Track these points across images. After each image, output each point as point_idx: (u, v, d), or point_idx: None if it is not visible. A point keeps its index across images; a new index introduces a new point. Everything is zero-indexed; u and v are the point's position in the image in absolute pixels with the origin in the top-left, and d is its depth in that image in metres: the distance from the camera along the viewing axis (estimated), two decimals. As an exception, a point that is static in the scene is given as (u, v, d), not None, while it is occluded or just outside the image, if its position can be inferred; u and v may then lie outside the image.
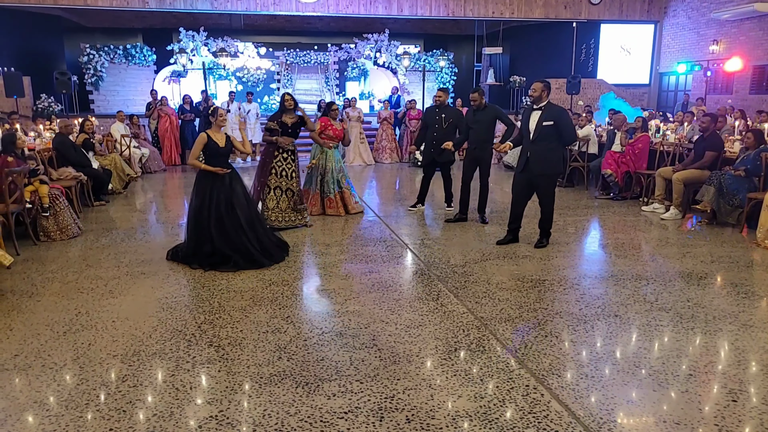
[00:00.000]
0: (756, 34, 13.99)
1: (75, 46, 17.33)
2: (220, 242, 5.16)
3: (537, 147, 5.56)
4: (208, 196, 5.20)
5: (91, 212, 7.90)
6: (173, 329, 3.82)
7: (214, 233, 5.16)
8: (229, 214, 5.21)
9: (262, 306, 4.24)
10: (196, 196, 5.28)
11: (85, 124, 9.36)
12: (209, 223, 5.17)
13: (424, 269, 5.16)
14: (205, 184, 5.25)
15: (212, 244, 5.17)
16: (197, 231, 5.22)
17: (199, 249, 5.21)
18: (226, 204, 5.21)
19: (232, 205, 5.23)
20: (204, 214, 5.18)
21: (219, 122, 5.37)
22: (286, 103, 6.77)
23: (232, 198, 5.24)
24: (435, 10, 15.86)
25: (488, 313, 4.08)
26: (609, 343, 3.60)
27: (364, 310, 4.13)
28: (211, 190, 5.21)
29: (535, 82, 5.56)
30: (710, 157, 7.03)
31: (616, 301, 4.34)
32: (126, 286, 4.74)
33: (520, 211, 5.91)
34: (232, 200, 5.24)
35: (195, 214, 5.24)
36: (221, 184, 5.24)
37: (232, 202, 5.23)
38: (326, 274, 5.04)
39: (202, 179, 5.30)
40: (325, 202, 7.48)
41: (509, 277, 4.91)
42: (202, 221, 5.19)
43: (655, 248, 5.95)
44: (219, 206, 5.19)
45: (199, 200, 5.23)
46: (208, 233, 5.17)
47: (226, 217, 5.19)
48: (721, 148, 7.17)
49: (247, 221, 5.28)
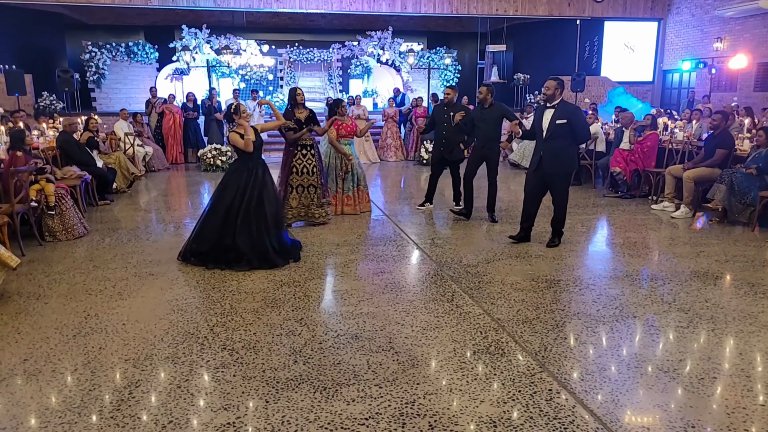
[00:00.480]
0: (761, 31, 13.90)
1: (77, 43, 17.23)
2: (241, 238, 5.07)
3: (550, 145, 5.48)
4: (241, 189, 5.12)
5: (95, 212, 7.83)
6: (185, 332, 3.75)
7: (239, 228, 5.07)
8: (257, 210, 5.13)
9: (274, 308, 4.17)
10: (225, 189, 5.18)
11: (89, 123, 9.28)
12: (237, 216, 5.08)
13: (436, 269, 5.09)
14: (238, 177, 5.17)
15: (233, 238, 5.08)
16: (223, 224, 5.10)
17: (220, 243, 5.10)
18: (258, 199, 5.15)
19: (262, 201, 5.16)
20: (234, 208, 5.09)
21: (242, 120, 5.31)
22: (299, 97, 6.71)
23: (263, 193, 5.18)
24: (439, 8, 15.77)
25: (505, 314, 4.01)
26: (630, 346, 3.54)
27: (378, 312, 4.07)
28: (245, 184, 5.14)
29: (548, 79, 5.48)
30: (721, 155, 6.96)
31: (634, 302, 4.27)
32: (135, 287, 4.68)
33: (534, 210, 5.84)
34: (263, 195, 5.18)
35: (225, 207, 5.11)
36: (255, 178, 5.18)
37: (262, 197, 5.17)
38: (338, 275, 4.97)
39: (234, 172, 5.23)
40: (344, 200, 7.40)
41: (523, 277, 4.84)
42: (231, 214, 5.09)
43: (667, 247, 5.88)
44: (251, 201, 5.12)
45: (231, 193, 5.13)
46: (233, 227, 5.08)
47: (254, 214, 5.12)
48: (732, 145, 7.10)
49: (274, 218, 5.22)
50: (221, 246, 5.10)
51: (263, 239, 5.11)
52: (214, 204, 5.23)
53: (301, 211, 6.70)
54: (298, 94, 6.72)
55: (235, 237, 5.07)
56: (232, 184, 5.18)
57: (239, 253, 5.07)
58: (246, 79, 17.27)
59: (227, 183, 5.22)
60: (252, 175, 5.18)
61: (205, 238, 5.18)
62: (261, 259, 5.10)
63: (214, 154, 11.65)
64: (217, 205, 5.18)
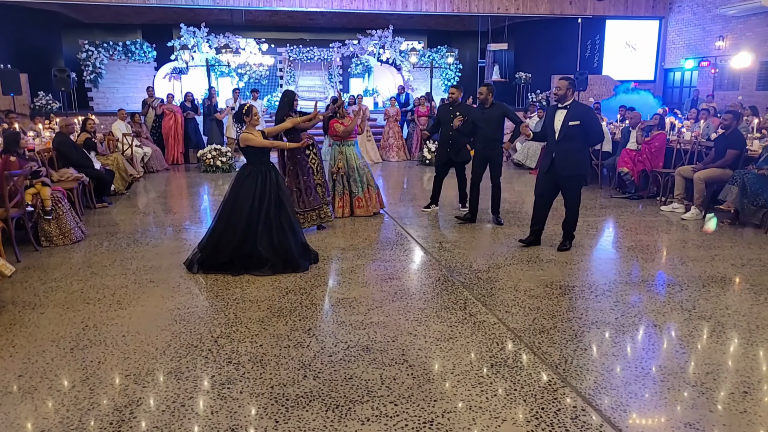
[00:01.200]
0: (763, 29, 13.77)
1: (73, 42, 17.03)
2: (262, 244, 4.92)
3: (562, 147, 5.33)
4: (258, 194, 4.95)
5: (93, 215, 7.66)
6: (188, 344, 3.60)
7: (260, 234, 4.91)
8: (277, 214, 4.98)
9: (280, 317, 4.01)
10: (239, 196, 4.98)
11: (86, 123, 9.11)
12: (257, 224, 4.91)
13: (446, 275, 4.94)
14: (252, 182, 4.99)
15: (253, 245, 4.92)
16: (244, 234, 4.92)
17: (240, 251, 4.94)
18: (276, 202, 5.00)
19: (281, 203, 5.01)
20: (254, 215, 4.92)
21: (254, 121, 5.16)
22: (295, 103, 6.57)
23: (280, 195, 5.03)
24: (440, 6, 15.62)
25: (520, 323, 3.86)
26: (654, 358, 3.39)
27: (389, 321, 3.91)
28: (262, 188, 4.97)
29: (560, 79, 5.34)
30: (732, 155, 6.82)
31: (653, 309, 4.13)
32: (135, 295, 4.51)
33: (544, 213, 5.69)
34: (281, 197, 5.03)
35: (245, 216, 4.91)
36: (269, 182, 5.02)
37: (281, 200, 5.02)
38: (345, 281, 4.81)
39: (247, 177, 5.04)
40: (354, 202, 7.24)
41: (536, 283, 4.69)
42: (252, 223, 4.92)
43: (680, 250, 5.73)
44: (270, 205, 4.96)
45: (249, 200, 4.94)
46: (253, 235, 4.92)
47: (274, 218, 4.97)
48: (744, 146, 6.96)
49: (293, 221, 5.09)
50: (241, 254, 4.95)
51: (286, 243, 4.97)
52: (230, 214, 4.99)
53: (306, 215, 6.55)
54: (295, 99, 6.56)
55: (256, 243, 4.91)
56: (247, 191, 4.98)
57: (261, 258, 4.92)
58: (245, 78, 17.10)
59: (241, 189, 5.02)
60: (266, 179, 5.02)
61: (223, 249, 4.98)
62: (285, 263, 4.96)
63: (214, 154, 11.49)
64: (234, 215, 4.96)
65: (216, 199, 8.83)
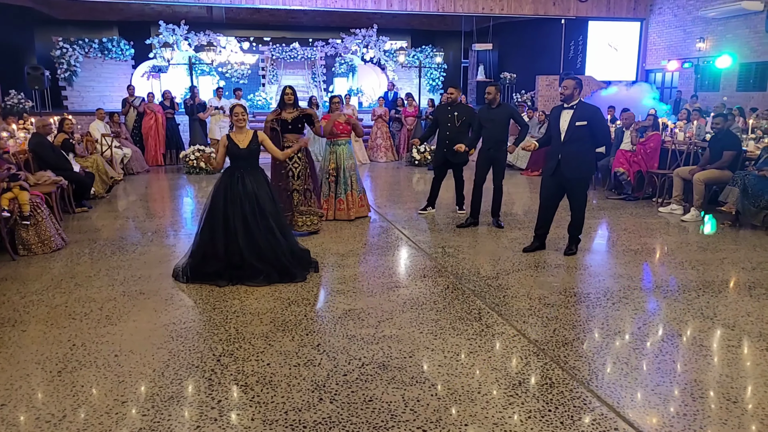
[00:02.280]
0: (743, 32, 13.88)
1: (47, 39, 16.41)
2: (249, 254, 4.65)
3: (569, 149, 5.17)
4: (230, 203, 4.69)
5: (72, 220, 7.27)
6: (189, 364, 3.32)
7: (243, 244, 4.65)
8: (257, 223, 4.70)
9: (286, 332, 3.76)
10: (215, 205, 4.74)
11: (64, 123, 8.71)
12: (236, 233, 4.65)
13: (455, 282, 4.73)
14: (224, 189, 4.74)
15: (242, 255, 4.66)
16: (225, 240, 4.67)
17: (227, 261, 4.68)
18: (253, 211, 4.70)
19: (262, 212, 4.73)
20: (231, 224, 4.66)
21: (235, 122, 4.91)
22: (286, 97, 6.31)
23: (258, 203, 4.73)
24: (425, 5, 15.44)
25: (541, 335, 3.67)
26: (687, 371, 3.22)
27: (402, 335, 3.69)
28: (232, 197, 4.70)
29: (566, 78, 5.18)
30: (729, 156, 6.75)
31: (674, 318, 3.97)
32: (125, 309, 4.21)
33: (550, 216, 5.52)
34: (260, 206, 4.74)
35: (222, 224, 4.68)
36: (243, 189, 4.74)
37: (261, 207, 4.73)
38: (349, 291, 4.56)
39: (219, 184, 4.80)
40: (336, 204, 7.01)
41: (549, 290, 4.51)
42: (229, 232, 4.66)
43: (688, 254, 5.60)
44: (245, 215, 4.68)
45: (222, 208, 4.69)
46: (236, 245, 4.65)
47: (255, 226, 4.69)
48: (739, 146, 6.90)
49: (280, 228, 4.80)
50: (230, 264, 4.68)
51: (275, 252, 4.70)
52: (211, 223, 4.74)
53: (298, 218, 6.30)
54: (286, 93, 6.32)
55: (243, 253, 4.64)
56: (217, 198, 4.75)
57: (254, 268, 4.65)
58: (227, 77, 16.70)
59: (214, 196, 4.78)
60: (240, 184, 4.74)
61: (210, 259, 4.71)
62: (280, 272, 4.70)
63: (197, 155, 11.12)
64: (213, 224, 4.72)
65: (201, 202, 8.51)
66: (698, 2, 14.94)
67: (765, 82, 13.10)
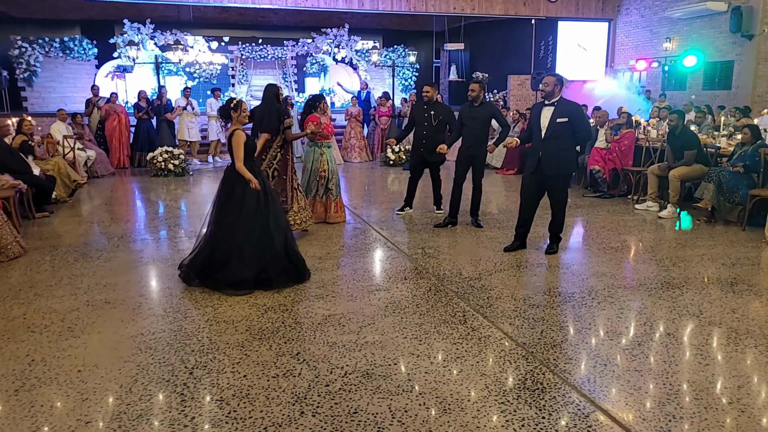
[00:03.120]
0: (707, 32, 14.15)
1: (4, 38, 15.79)
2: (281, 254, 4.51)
3: (549, 146, 5.09)
4: (261, 198, 4.46)
5: (33, 226, 6.92)
6: (159, 378, 3.11)
7: (277, 244, 4.46)
8: (280, 222, 4.56)
9: (263, 340, 3.57)
10: (249, 203, 4.42)
11: (22, 125, 8.31)
12: (273, 236, 4.44)
13: (437, 284, 4.59)
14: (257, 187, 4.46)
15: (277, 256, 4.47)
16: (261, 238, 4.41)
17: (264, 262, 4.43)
18: (276, 209, 4.57)
19: (279, 211, 4.61)
20: (269, 223, 4.44)
21: (242, 118, 4.62)
22: (281, 96, 6.18)
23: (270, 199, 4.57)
24: (396, 5, 15.34)
25: (529, 337, 3.55)
26: (679, 371, 3.14)
27: (386, 341, 3.53)
28: (263, 195, 4.48)
29: (547, 75, 5.09)
30: (691, 156, 6.82)
31: (660, 316, 3.91)
32: (89, 320, 3.95)
33: (530, 215, 5.44)
34: (277, 204, 4.61)
35: (261, 229, 4.41)
36: (266, 187, 4.58)
37: (277, 206, 4.61)
38: (328, 295, 4.39)
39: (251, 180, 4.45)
40: (316, 206, 6.81)
41: (534, 290, 4.41)
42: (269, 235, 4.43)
43: (668, 250, 5.59)
44: (276, 213, 4.54)
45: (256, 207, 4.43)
46: (271, 248, 4.44)
47: (281, 225, 4.56)
48: (698, 142, 6.98)
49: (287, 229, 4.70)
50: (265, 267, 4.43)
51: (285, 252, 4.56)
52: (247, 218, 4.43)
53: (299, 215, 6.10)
54: (280, 91, 6.17)
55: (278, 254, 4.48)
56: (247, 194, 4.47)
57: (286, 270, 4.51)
58: (195, 77, 16.32)
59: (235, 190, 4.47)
60: (262, 181, 4.56)
61: (250, 261, 4.40)
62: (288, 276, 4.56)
63: (166, 157, 10.78)
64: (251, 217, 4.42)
65: (170, 205, 8.22)
66: (664, 3, 15.19)
67: (730, 80, 13.37)
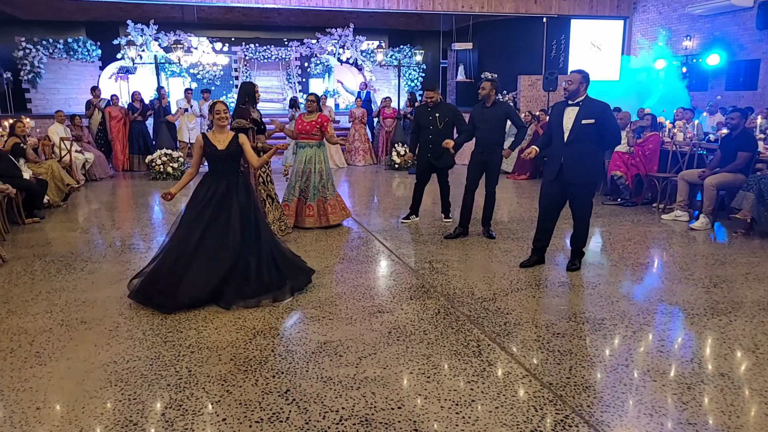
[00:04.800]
0: (731, 29, 13.59)
1: (9, 40, 15.53)
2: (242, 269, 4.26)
3: (573, 150, 4.60)
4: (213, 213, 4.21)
5: (21, 232, 6.53)
6: (126, 420, 2.66)
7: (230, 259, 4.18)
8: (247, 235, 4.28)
9: (248, 373, 3.12)
10: (189, 216, 4.24)
11: (16, 127, 7.95)
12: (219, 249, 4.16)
13: (446, 306, 4.12)
14: (204, 197, 4.24)
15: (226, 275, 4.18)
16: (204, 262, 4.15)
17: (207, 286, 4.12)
18: (241, 222, 4.26)
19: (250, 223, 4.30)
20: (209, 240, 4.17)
21: (217, 120, 4.31)
22: (257, 95, 5.75)
23: (247, 213, 4.30)
24: (402, 4, 14.90)
25: (556, 375, 3.07)
26: (743, 426, 2.62)
27: (388, 377, 3.07)
28: (218, 206, 4.22)
29: (572, 72, 4.61)
30: (744, 158, 6.22)
31: (709, 350, 3.40)
32: (59, 344, 3.53)
33: (550, 227, 4.95)
34: (247, 215, 4.29)
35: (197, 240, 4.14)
36: (226, 197, 4.26)
37: (248, 217, 4.29)
38: (325, 317, 3.93)
39: (199, 191, 4.29)
40: (304, 210, 6.40)
41: (557, 315, 3.92)
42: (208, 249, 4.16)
43: (706, 268, 5.02)
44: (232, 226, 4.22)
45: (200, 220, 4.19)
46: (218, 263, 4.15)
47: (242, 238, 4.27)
48: (755, 147, 6.38)
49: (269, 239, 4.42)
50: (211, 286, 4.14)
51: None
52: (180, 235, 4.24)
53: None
54: (257, 91, 5.74)
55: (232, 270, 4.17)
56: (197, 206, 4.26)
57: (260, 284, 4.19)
58: (198, 78, 15.97)
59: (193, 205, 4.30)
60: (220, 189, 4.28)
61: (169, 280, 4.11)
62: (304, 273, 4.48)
63: (164, 160, 10.40)
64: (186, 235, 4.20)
65: (167, 210, 7.80)
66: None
67: (755, 80, 12.77)
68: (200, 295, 4.04)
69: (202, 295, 4.04)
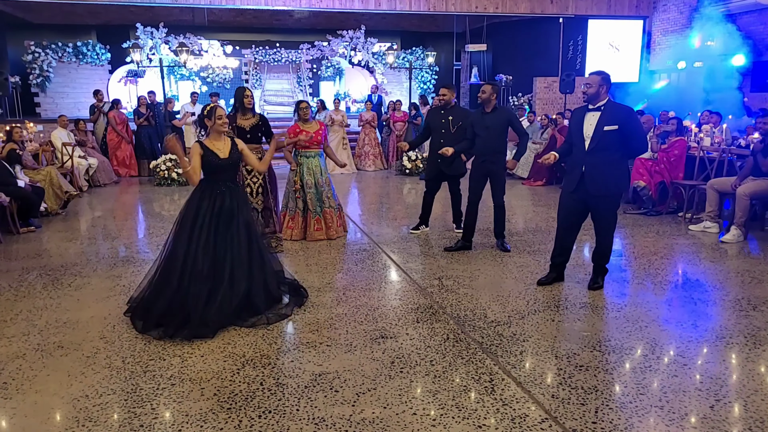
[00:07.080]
0: (757, 28, 13.07)
1: (19, 43, 15.46)
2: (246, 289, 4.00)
3: (595, 159, 4.20)
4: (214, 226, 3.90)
5: (15, 242, 6.27)
6: (83, 475, 2.34)
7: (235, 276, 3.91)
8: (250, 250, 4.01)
9: (232, 412, 2.77)
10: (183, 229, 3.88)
11: (13, 132, 7.71)
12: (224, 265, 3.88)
13: (456, 330, 3.74)
14: (201, 210, 3.91)
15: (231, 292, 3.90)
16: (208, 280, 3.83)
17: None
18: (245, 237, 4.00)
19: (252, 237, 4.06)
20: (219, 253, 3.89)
21: (218, 126, 3.96)
22: (246, 100, 5.41)
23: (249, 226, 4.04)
24: (415, 5, 14.57)
25: (580, 420, 2.68)
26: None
27: (389, 418, 2.70)
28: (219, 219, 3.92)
29: (591, 74, 4.23)
30: (780, 165, 5.79)
31: (758, 389, 2.97)
32: (31, 373, 3.22)
33: (570, 241, 4.55)
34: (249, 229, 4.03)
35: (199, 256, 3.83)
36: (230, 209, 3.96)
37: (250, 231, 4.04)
38: (323, 343, 3.57)
39: (193, 203, 3.94)
40: (312, 223, 6.08)
41: (580, 343, 3.53)
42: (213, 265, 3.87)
43: (744, 288, 4.56)
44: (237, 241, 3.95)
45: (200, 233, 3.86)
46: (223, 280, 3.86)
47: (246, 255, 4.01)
48: None
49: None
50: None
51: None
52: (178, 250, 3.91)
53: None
54: (245, 96, 5.43)
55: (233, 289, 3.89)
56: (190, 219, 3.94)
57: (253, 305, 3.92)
58: (208, 81, 15.77)
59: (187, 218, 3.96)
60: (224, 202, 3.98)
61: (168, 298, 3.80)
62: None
63: (169, 165, 10.14)
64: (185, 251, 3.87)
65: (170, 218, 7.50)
66: (706, -3, 14.16)
67: (783, 82, 12.25)
68: (223, 320, 3.75)
69: (224, 320, 3.75)
